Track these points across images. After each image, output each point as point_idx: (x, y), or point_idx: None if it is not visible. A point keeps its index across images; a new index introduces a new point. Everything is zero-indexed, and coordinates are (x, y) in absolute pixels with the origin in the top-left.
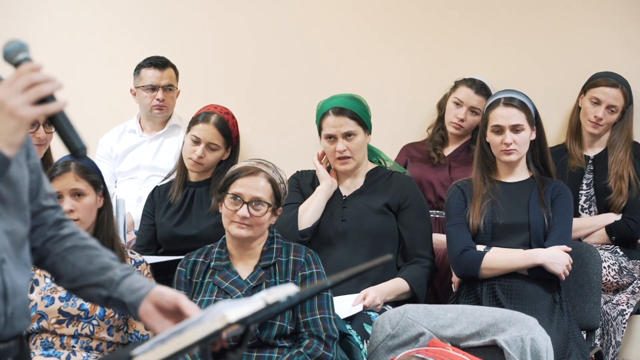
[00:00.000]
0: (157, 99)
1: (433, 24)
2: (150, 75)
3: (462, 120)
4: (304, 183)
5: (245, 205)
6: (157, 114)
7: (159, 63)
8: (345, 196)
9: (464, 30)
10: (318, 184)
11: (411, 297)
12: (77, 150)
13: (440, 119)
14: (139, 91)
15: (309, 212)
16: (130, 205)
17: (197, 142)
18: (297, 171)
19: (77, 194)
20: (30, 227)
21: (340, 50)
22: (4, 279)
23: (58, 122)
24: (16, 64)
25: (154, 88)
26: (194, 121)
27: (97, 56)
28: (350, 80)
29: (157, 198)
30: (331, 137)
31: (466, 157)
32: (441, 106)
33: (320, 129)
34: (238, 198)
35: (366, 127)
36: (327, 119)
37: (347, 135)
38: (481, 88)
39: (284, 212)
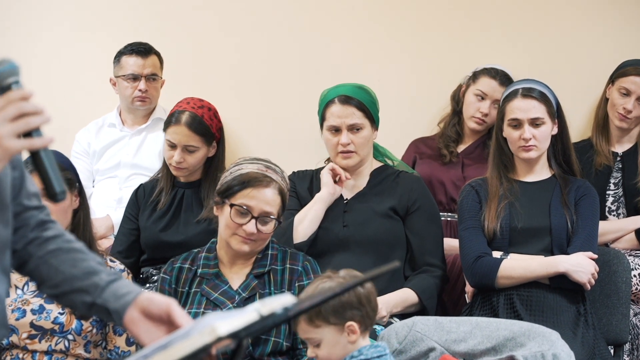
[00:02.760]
0: (139, 90)
1: (443, 8)
2: (132, 64)
3: (485, 115)
4: (301, 186)
5: (253, 220)
6: (139, 106)
7: (142, 50)
8: (346, 199)
9: (477, 15)
10: (317, 187)
11: (420, 310)
12: (55, 194)
13: (457, 112)
14: (119, 81)
15: (305, 223)
16: (109, 207)
17: (173, 146)
18: (293, 172)
19: None
20: (12, 229)
21: (339, 37)
22: None
23: (40, 159)
24: (5, 88)
25: (135, 77)
26: (167, 122)
27: (74, 43)
28: (350, 70)
29: (141, 198)
30: (335, 129)
31: (481, 154)
32: (457, 98)
33: (322, 119)
34: (246, 211)
35: (373, 121)
36: (331, 108)
37: (353, 128)
38: (505, 79)
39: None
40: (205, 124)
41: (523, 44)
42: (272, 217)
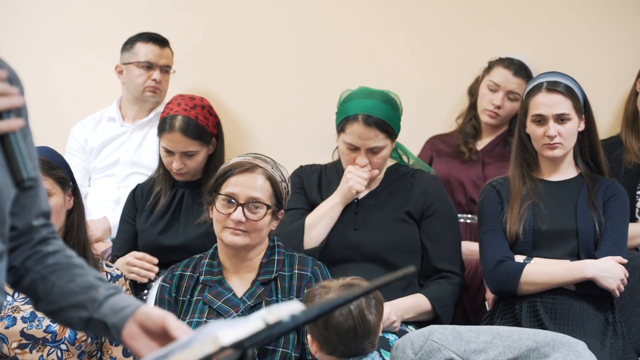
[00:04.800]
0: (154, 79)
1: None
2: (148, 52)
3: (498, 107)
4: (310, 182)
5: (240, 208)
6: (149, 97)
7: (159, 39)
8: (357, 200)
9: (494, 3)
10: (326, 183)
11: (434, 319)
12: (21, 180)
13: (473, 106)
14: (130, 68)
15: (319, 229)
16: (106, 208)
17: (170, 153)
18: (300, 167)
19: None
20: (13, 246)
21: (353, 29)
22: None
23: (8, 144)
24: None
25: (150, 66)
26: (160, 128)
27: (70, 33)
28: (364, 63)
29: (139, 199)
30: (353, 147)
31: (502, 152)
32: (473, 92)
33: (341, 128)
34: (232, 200)
35: (395, 135)
36: (353, 126)
37: (373, 150)
38: (520, 69)
39: (286, 217)
40: (200, 126)
41: (545, 34)
42: (260, 202)
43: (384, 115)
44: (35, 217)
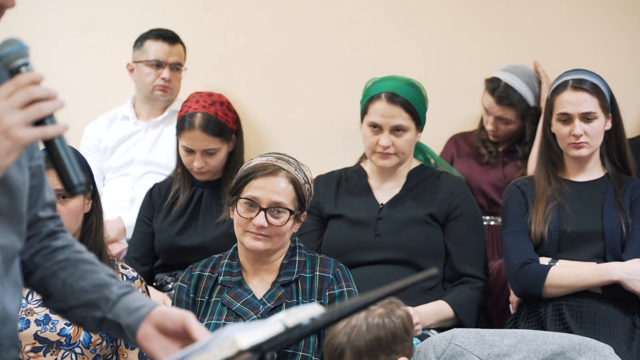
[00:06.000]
0: (163, 78)
1: None
2: (157, 49)
3: (493, 131)
4: (325, 195)
5: (262, 212)
6: (159, 96)
7: (169, 36)
8: (382, 204)
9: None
10: (345, 190)
11: (457, 325)
12: (73, 186)
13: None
14: (140, 66)
15: None
16: (121, 208)
17: (190, 151)
18: (316, 178)
19: (61, 196)
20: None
21: (375, 25)
22: None
23: (55, 149)
24: (14, 71)
25: (159, 64)
26: (179, 127)
27: (83, 31)
28: (386, 59)
29: (156, 199)
30: (376, 127)
31: (522, 151)
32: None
33: (364, 112)
34: (254, 204)
35: (420, 122)
36: (376, 104)
37: (396, 129)
38: (504, 96)
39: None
40: (220, 123)
41: (571, 32)
42: (283, 207)
43: (407, 95)
44: (41, 208)
